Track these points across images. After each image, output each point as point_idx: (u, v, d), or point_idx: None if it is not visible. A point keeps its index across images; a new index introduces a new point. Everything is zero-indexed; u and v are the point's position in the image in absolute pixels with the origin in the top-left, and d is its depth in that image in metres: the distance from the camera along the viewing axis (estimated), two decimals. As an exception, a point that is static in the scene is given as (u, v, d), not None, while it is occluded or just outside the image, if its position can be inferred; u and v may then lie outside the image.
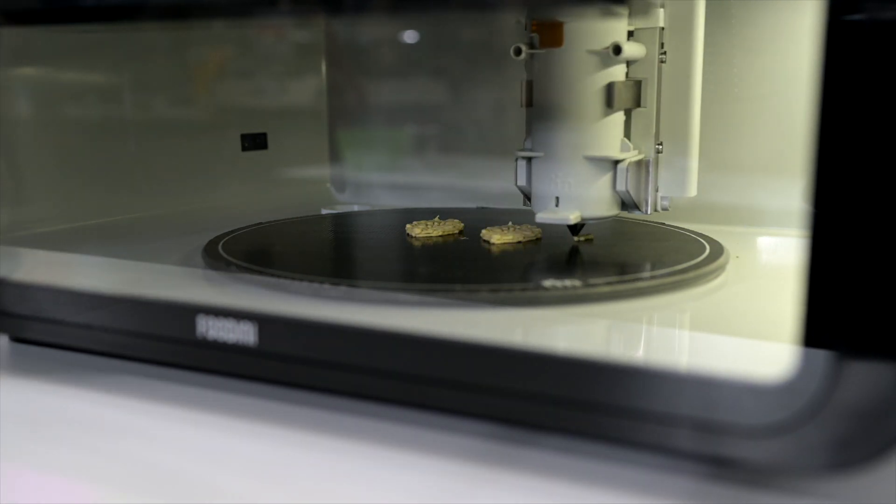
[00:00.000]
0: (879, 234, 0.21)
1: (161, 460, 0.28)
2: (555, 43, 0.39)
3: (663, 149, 0.41)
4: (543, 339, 0.32)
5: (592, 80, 0.39)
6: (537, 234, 0.45)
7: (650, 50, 0.40)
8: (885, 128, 0.20)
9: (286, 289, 0.36)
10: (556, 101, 0.40)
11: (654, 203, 0.41)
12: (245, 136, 0.63)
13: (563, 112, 0.39)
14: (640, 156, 0.41)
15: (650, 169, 0.41)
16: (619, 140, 0.40)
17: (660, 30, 0.39)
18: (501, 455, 0.28)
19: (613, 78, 0.39)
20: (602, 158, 0.40)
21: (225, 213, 0.56)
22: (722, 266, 0.39)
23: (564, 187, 0.40)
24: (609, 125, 0.40)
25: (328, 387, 0.31)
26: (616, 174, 0.40)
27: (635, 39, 0.40)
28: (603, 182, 0.40)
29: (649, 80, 0.40)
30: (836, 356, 0.21)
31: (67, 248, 0.46)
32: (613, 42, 0.38)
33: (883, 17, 0.20)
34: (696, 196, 0.42)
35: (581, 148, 0.40)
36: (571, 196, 0.40)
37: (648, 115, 0.40)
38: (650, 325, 0.34)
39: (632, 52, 0.39)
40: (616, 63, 0.39)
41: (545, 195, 0.41)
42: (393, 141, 0.67)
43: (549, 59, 0.39)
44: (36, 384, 0.34)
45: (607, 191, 0.40)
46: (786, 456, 0.23)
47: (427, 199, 0.63)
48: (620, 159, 0.40)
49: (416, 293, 0.35)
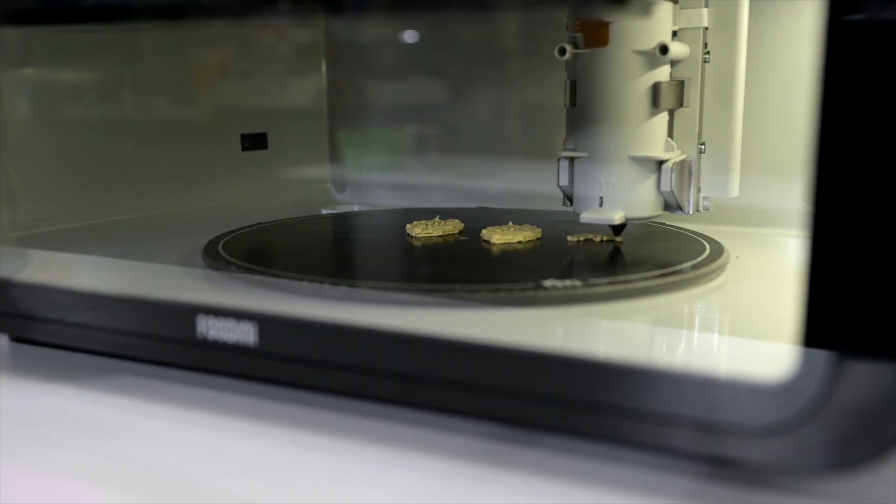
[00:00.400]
0: (879, 235, 0.21)
1: (161, 460, 0.28)
2: (600, 43, 0.39)
3: (706, 149, 0.41)
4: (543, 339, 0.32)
5: (638, 81, 0.39)
6: (537, 234, 0.45)
7: (694, 50, 0.40)
8: (885, 128, 0.20)
9: (286, 289, 0.36)
10: (601, 101, 0.40)
11: (696, 203, 0.41)
12: (245, 136, 0.63)
13: (608, 112, 0.40)
14: (683, 156, 0.41)
15: (693, 169, 0.41)
16: (664, 140, 0.40)
17: (703, 29, 0.39)
18: (501, 455, 0.28)
19: (659, 78, 0.39)
20: (647, 158, 0.40)
21: (225, 213, 0.56)
22: (722, 266, 0.39)
23: (608, 188, 0.40)
24: (653, 125, 0.40)
25: (328, 387, 0.31)
26: (660, 174, 0.40)
27: (679, 39, 0.40)
28: (648, 182, 0.40)
29: (693, 79, 0.40)
30: (836, 356, 0.21)
31: (67, 248, 0.46)
32: (660, 42, 0.38)
33: (883, 17, 0.20)
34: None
35: (625, 148, 0.40)
36: (615, 196, 0.40)
37: (691, 115, 0.40)
38: (650, 326, 0.34)
39: (678, 51, 0.39)
40: (662, 63, 0.39)
41: (588, 196, 0.41)
42: (393, 141, 0.67)
43: (594, 59, 0.39)
44: (36, 384, 0.34)
45: (651, 191, 0.40)
46: (786, 456, 0.23)
47: (427, 199, 0.63)
48: (665, 159, 0.40)
49: (416, 293, 0.35)
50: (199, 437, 0.29)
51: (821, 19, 0.21)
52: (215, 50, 0.62)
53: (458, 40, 0.62)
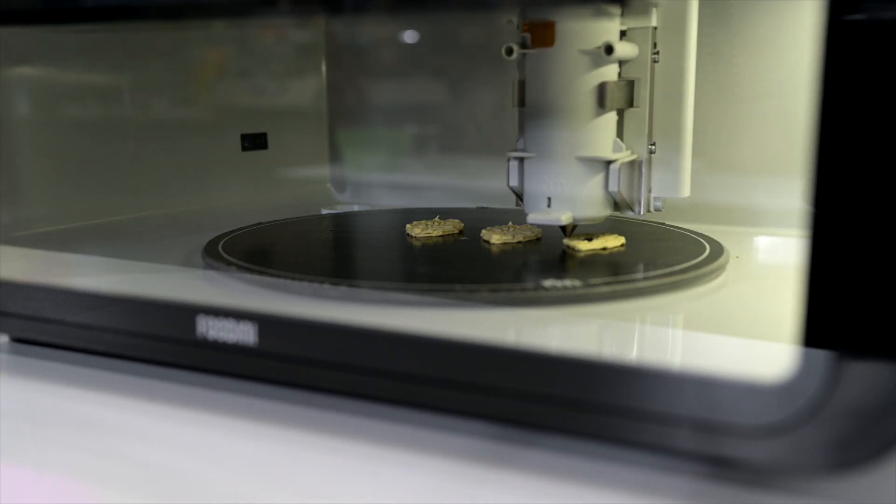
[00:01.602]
0: (879, 235, 0.21)
1: (161, 460, 0.28)
2: (546, 42, 0.39)
3: (656, 149, 0.41)
4: (543, 339, 0.32)
5: (584, 80, 0.39)
6: (537, 234, 0.45)
7: (643, 49, 0.39)
8: (885, 128, 0.20)
9: (286, 289, 0.36)
10: (548, 100, 0.40)
11: (646, 204, 0.41)
12: (245, 136, 0.63)
13: (555, 112, 0.39)
14: (633, 156, 0.40)
15: (643, 169, 0.41)
16: (612, 140, 0.40)
17: (652, 29, 0.39)
18: (501, 455, 0.28)
19: (606, 78, 0.39)
20: (594, 159, 0.40)
21: (225, 213, 0.56)
22: (722, 266, 0.39)
23: (556, 188, 0.40)
24: (601, 125, 0.39)
25: (328, 387, 0.31)
26: (608, 175, 0.40)
27: (628, 39, 0.39)
28: (595, 182, 0.40)
29: (642, 79, 0.40)
30: (836, 356, 0.21)
31: (67, 248, 0.46)
32: (605, 42, 0.38)
33: (883, 17, 0.20)
34: (696, 196, 0.42)
35: (573, 148, 0.39)
36: (563, 196, 0.40)
37: (641, 115, 0.40)
38: (650, 326, 0.34)
39: (624, 51, 0.39)
40: (608, 63, 0.39)
41: (537, 195, 0.41)
42: (393, 141, 0.67)
43: (541, 58, 0.39)
44: (36, 384, 0.34)
45: (599, 191, 0.40)
46: (786, 456, 0.23)
47: (427, 199, 0.63)
48: (613, 160, 0.39)
49: (416, 293, 0.35)
50: (199, 437, 0.29)
51: (821, 19, 0.21)
52: (215, 50, 0.62)
53: (458, 40, 0.62)
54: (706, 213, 0.50)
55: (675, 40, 0.39)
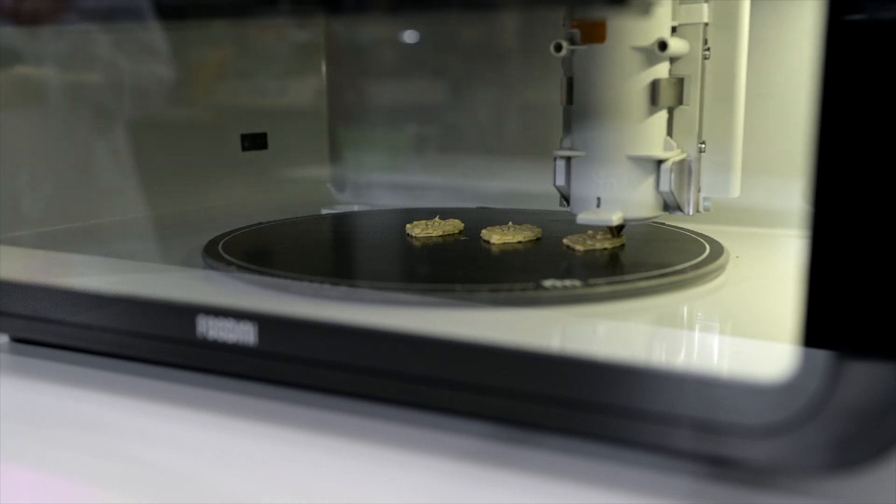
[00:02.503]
0: (879, 235, 0.21)
1: (161, 460, 0.28)
2: (597, 39, 0.38)
3: (706, 148, 0.40)
4: (543, 339, 0.32)
5: (636, 78, 0.38)
6: (537, 234, 0.45)
7: (694, 46, 0.39)
8: (885, 128, 0.20)
9: (286, 289, 0.36)
10: (598, 98, 0.39)
11: (696, 204, 0.40)
12: (245, 136, 0.63)
13: (606, 110, 0.39)
14: (683, 155, 0.40)
15: (693, 169, 0.40)
16: (663, 139, 0.39)
17: (704, 25, 0.39)
18: (501, 455, 0.28)
19: (657, 75, 0.38)
20: (645, 158, 0.39)
21: (225, 213, 0.56)
22: (722, 266, 0.39)
23: (606, 188, 0.39)
24: (652, 124, 0.39)
25: (328, 387, 0.31)
26: (659, 174, 0.39)
27: (679, 35, 0.39)
28: (646, 182, 0.39)
29: (692, 77, 0.39)
30: (836, 356, 0.21)
31: (67, 248, 0.46)
32: (658, 38, 0.37)
33: (883, 17, 0.20)
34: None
35: (623, 147, 0.39)
36: (613, 197, 0.39)
37: (691, 113, 0.39)
38: (650, 326, 0.34)
39: (677, 48, 0.38)
40: (660, 60, 0.38)
41: (585, 196, 0.40)
42: (393, 141, 0.67)
43: (591, 55, 0.39)
44: (36, 384, 0.34)
45: (650, 191, 0.39)
46: (786, 456, 0.23)
47: (427, 199, 0.63)
48: (664, 159, 0.39)
49: (416, 293, 0.35)
50: (200, 437, 0.29)
51: (821, 19, 0.21)
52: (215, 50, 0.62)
53: (458, 40, 0.62)
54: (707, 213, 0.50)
55: (727, 37, 0.39)
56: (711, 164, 0.40)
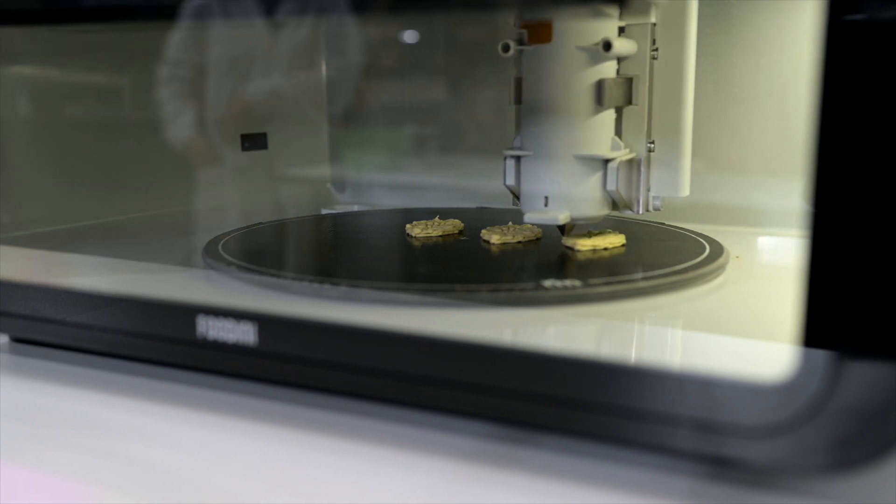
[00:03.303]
0: (879, 235, 0.21)
1: (161, 460, 0.28)
2: (543, 39, 0.38)
3: (655, 147, 0.40)
4: (543, 339, 0.32)
5: (582, 77, 0.38)
6: (537, 234, 0.45)
7: (642, 46, 0.39)
8: (885, 128, 0.20)
9: (286, 289, 0.36)
10: (545, 98, 0.39)
11: (645, 203, 0.41)
12: (245, 136, 0.62)
13: (552, 109, 0.39)
14: (632, 155, 0.40)
15: (642, 168, 0.40)
16: (610, 138, 0.40)
17: (651, 26, 0.39)
18: (501, 455, 0.28)
19: (603, 75, 0.38)
20: (592, 157, 0.39)
21: (225, 213, 0.56)
22: (722, 266, 0.39)
23: (553, 186, 0.40)
24: (599, 123, 0.39)
25: (328, 387, 0.31)
26: (606, 173, 0.39)
27: (626, 36, 0.39)
28: (593, 181, 0.40)
29: (641, 77, 0.39)
30: (836, 356, 0.21)
31: (67, 248, 0.46)
32: (603, 38, 0.37)
33: (883, 17, 0.20)
34: (696, 196, 0.42)
35: (570, 146, 0.39)
36: (561, 195, 0.40)
37: (640, 112, 0.40)
38: (650, 326, 0.34)
39: (622, 48, 0.38)
40: (606, 59, 0.38)
41: (534, 194, 0.40)
42: (393, 141, 0.67)
43: (538, 55, 0.39)
44: (36, 384, 0.34)
45: (597, 190, 0.40)
46: (786, 456, 0.23)
47: (427, 199, 0.63)
48: (611, 158, 0.39)
49: (416, 293, 0.35)
50: (200, 437, 0.29)
51: (821, 19, 0.21)
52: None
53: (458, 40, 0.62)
54: (706, 213, 0.50)
55: (675, 37, 0.39)
56: (661, 164, 0.40)
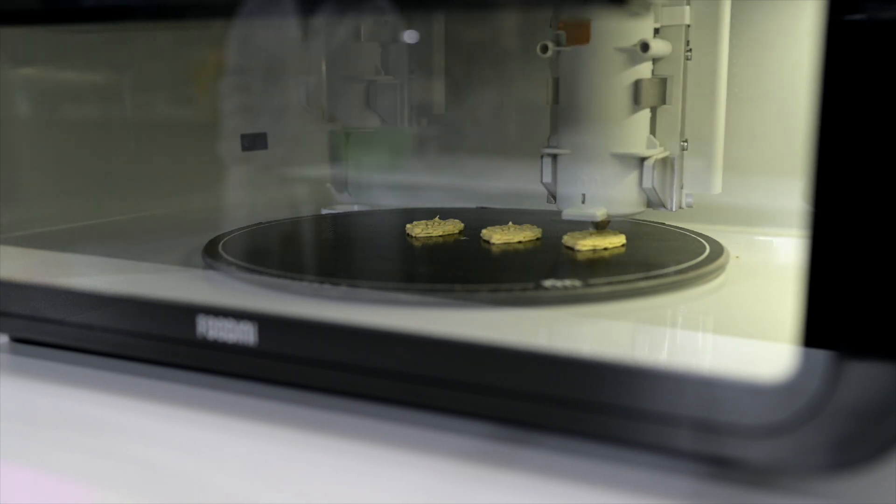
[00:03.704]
0: (879, 235, 0.21)
1: (161, 460, 0.28)
2: (582, 40, 0.39)
3: (688, 146, 0.41)
4: (543, 339, 0.32)
5: (619, 78, 0.39)
6: (537, 234, 0.45)
7: (676, 47, 0.40)
8: (885, 128, 0.20)
9: (286, 289, 0.36)
10: (583, 98, 0.40)
11: (678, 200, 0.42)
12: (245, 136, 0.62)
13: (590, 109, 0.40)
14: (666, 153, 0.41)
15: (675, 166, 0.41)
16: (646, 137, 0.41)
17: (685, 27, 0.40)
18: (501, 455, 0.28)
19: (640, 75, 0.39)
20: (628, 155, 0.40)
21: (225, 213, 0.56)
22: (722, 266, 0.39)
23: (591, 185, 0.41)
24: (635, 122, 0.40)
25: (328, 387, 0.31)
26: (642, 171, 0.40)
27: (661, 37, 0.40)
28: (629, 180, 0.41)
29: (675, 77, 0.40)
30: (836, 356, 0.21)
31: (67, 248, 0.46)
32: (641, 39, 0.38)
33: (883, 17, 0.20)
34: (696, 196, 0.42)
35: (607, 145, 0.40)
36: (597, 193, 0.41)
37: (674, 112, 0.41)
38: (650, 326, 0.34)
39: (659, 49, 0.39)
40: (643, 60, 0.39)
41: (571, 193, 0.41)
42: (393, 141, 0.66)
43: (576, 56, 0.40)
44: (36, 384, 0.34)
45: (633, 188, 0.41)
46: (786, 456, 0.23)
47: (427, 199, 0.63)
48: (646, 156, 0.40)
49: (416, 293, 0.35)
50: (200, 437, 0.29)
51: (821, 19, 0.21)
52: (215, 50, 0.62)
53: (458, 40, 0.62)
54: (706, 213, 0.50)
55: (708, 38, 0.40)
56: (694, 162, 0.41)
